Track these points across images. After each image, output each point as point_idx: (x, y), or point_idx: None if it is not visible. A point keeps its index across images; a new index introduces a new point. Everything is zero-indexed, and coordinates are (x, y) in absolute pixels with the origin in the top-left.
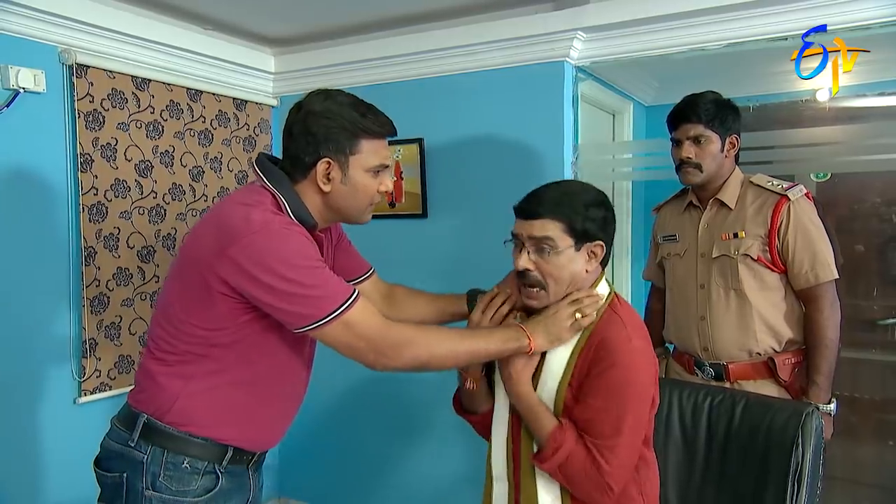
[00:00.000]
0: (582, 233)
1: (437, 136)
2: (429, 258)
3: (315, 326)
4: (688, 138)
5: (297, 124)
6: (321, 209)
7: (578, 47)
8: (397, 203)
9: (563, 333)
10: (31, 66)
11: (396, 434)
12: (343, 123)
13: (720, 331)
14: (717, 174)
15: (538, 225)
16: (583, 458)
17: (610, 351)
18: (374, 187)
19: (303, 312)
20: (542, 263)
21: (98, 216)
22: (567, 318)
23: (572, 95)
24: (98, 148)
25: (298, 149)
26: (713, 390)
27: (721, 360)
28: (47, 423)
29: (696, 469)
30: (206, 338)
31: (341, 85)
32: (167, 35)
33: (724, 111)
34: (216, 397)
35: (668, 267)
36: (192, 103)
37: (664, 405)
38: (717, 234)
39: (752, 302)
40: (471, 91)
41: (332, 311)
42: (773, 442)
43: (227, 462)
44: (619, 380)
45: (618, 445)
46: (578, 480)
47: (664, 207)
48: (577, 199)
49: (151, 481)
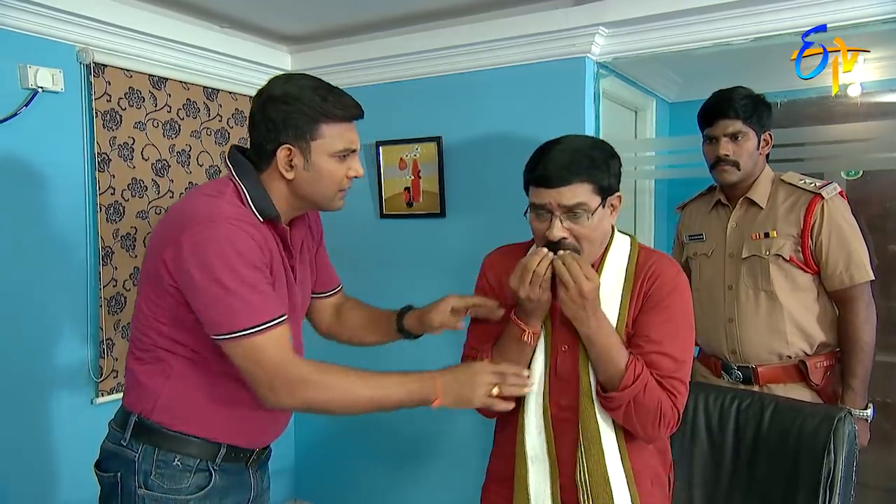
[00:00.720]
0: (606, 188)
1: (455, 135)
2: (447, 258)
3: (223, 338)
4: (725, 135)
5: (257, 111)
6: (288, 197)
7: (600, 43)
8: (415, 202)
9: (475, 400)
10: (49, 66)
11: (412, 438)
12: (301, 108)
13: (749, 333)
14: (750, 172)
15: (568, 192)
16: (658, 391)
17: (664, 282)
18: (340, 172)
19: (215, 318)
20: (578, 229)
21: (115, 216)
22: (484, 387)
23: (594, 92)
24: (115, 147)
25: (260, 136)
26: (740, 394)
27: (750, 364)
28: (65, 423)
29: (723, 474)
30: (171, 335)
31: (359, 83)
32: (184, 33)
33: (760, 107)
34: (198, 394)
35: (695, 267)
36: (208, 102)
37: (689, 408)
38: (747, 233)
39: (784, 304)
40: (490, 88)
41: (243, 328)
42: (804, 447)
43: (222, 460)
44: (676, 310)
45: (685, 374)
46: (647, 411)
47: (689, 206)
48: (595, 155)
49: (143, 480)
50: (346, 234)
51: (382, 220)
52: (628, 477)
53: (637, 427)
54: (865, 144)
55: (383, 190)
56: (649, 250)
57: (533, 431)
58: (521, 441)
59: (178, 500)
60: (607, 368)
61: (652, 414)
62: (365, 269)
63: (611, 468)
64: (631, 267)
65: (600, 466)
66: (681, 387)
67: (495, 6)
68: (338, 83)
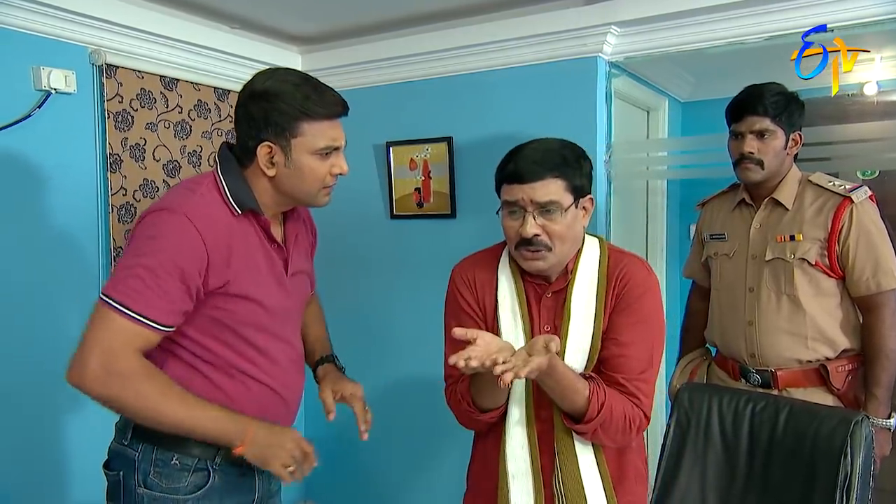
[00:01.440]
0: (579, 188)
1: (466, 135)
2: (457, 259)
3: (100, 297)
4: (751, 132)
5: (239, 107)
6: (272, 193)
7: (612, 42)
8: (425, 203)
9: (271, 465)
10: (62, 67)
11: (423, 441)
12: (281, 106)
13: (769, 337)
14: (776, 172)
15: (540, 187)
16: (620, 403)
17: (635, 284)
18: (323, 170)
19: (110, 278)
20: (551, 226)
21: (127, 216)
22: (284, 458)
23: (605, 92)
24: (127, 148)
25: (242, 133)
26: (755, 396)
27: (769, 367)
28: (77, 423)
29: (737, 477)
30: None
31: (369, 83)
32: (195, 34)
33: (791, 105)
34: (196, 389)
35: (715, 267)
36: (219, 103)
37: (703, 411)
38: (772, 235)
39: (807, 309)
40: (501, 88)
41: (115, 298)
42: (820, 451)
43: (221, 459)
44: (645, 312)
45: (651, 375)
46: (616, 428)
47: (710, 203)
48: (566, 154)
49: (143, 479)
50: (356, 234)
51: (392, 220)
52: (605, 482)
53: (607, 442)
54: (882, 144)
55: (393, 190)
56: (619, 251)
57: (516, 447)
58: (503, 458)
59: (177, 500)
60: (568, 402)
61: (621, 430)
62: (374, 269)
63: (585, 475)
64: (602, 270)
65: (574, 475)
66: (645, 387)
67: (506, 6)
68: (348, 83)
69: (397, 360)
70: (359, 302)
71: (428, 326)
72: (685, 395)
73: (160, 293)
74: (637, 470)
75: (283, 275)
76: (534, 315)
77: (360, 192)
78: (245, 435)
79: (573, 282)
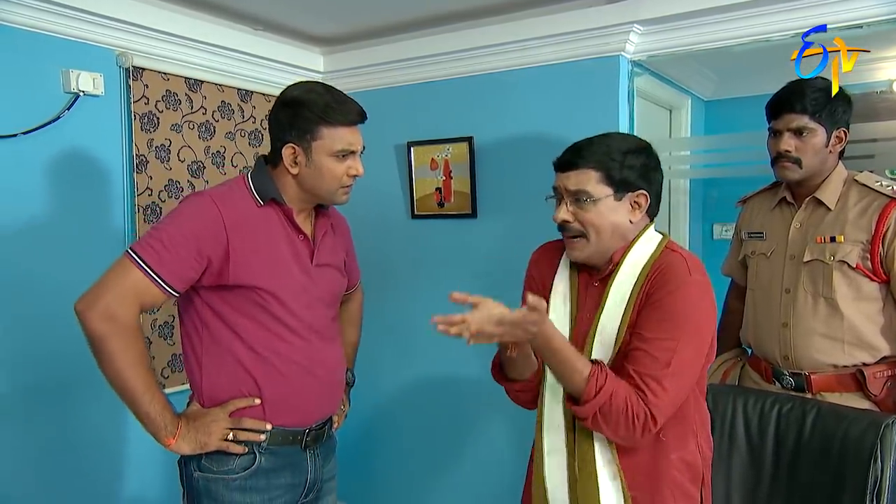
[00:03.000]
0: (621, 182)
1: (487, 135)
2: (478, 259)
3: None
4: (788, 129)
5: (270, 115)
6: (297, 191)
7: (635, 41)
8: (446, 203)
9: (211, 443)
10: (90, 70)
11: (448, 440)
12: (305, 113)
13: (804, 340)
14: (818, 171)
15: (573, 176)
16: (625, 392)
17: (668, 280)
18: (340, 171)
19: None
20: (581, 213)
21: (153, 216)
22: (220, 432)
23: (628, 91)
24: (153, 149)
25: (272, 136)
26: (781, 398)
27: (803, 371)
28: (103, 422)
29: (763, 479)
30: (182, 315)
31: (390, 83)
32: (219, 36)
33: (834, 101)
34: (227, 373)
35: (752, 266)
36: (242, 104)
37: (728, 412)
38: (812, 236)
39: (845, 313)
40: (522, 88)
41: (134, 251)
42: (849, 454)
43: (267, 441)
44: (673, 309)
45: (665, 377)
46: (619, 419)
47: (751, 200)
48: (614, 147)
49: (197, 463)
50: (377, 234)
51: (413, 220)
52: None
53: (608, 433)
54: None
55: (414, 190)
56: (672, 251)
57: (555, 420)
58: (540, 432)
59: (228, 480)
60: (567, 380)
61: (623, 422)
62: (395, 269)
63: (599, 461)
64: (648, 265)
65: (589, 460)
66: (655, 386)
67: (527, 5)
68: (370, 84)
69: (419, 361)
70: (380, 302)
71: None
72: (709, 396)
73: (175, 257)
74: (683, 490)
75: (309, 263)
76: (581, 302)
77: (381, 192)
78: (176, 430)
79: (616, 273)
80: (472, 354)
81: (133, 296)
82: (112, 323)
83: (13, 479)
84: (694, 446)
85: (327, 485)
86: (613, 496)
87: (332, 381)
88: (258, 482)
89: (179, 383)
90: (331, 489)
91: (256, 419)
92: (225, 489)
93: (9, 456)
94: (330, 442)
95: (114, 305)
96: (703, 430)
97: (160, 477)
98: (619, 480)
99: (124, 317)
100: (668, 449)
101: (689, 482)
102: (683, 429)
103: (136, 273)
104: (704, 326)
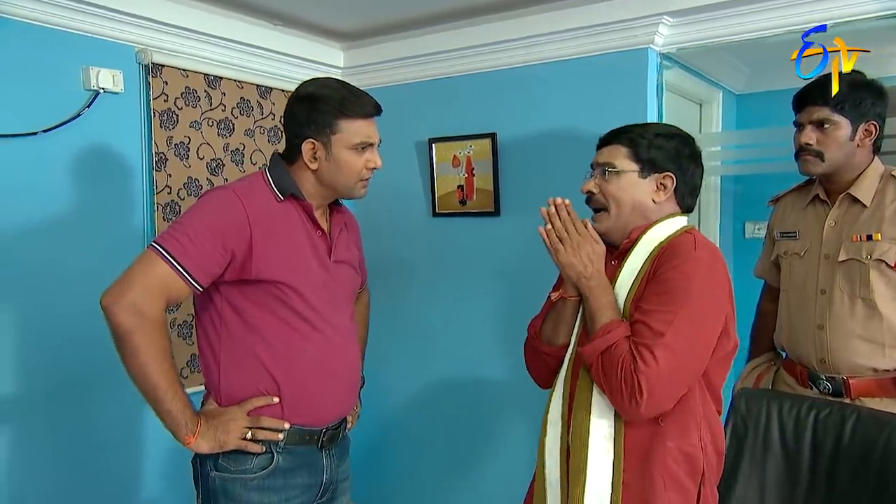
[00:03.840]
0: (648, 161)
1: (510, 131)
2: (501, 259)
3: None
4: (810, 122)
5: (287, 111)
6: (316, 186)
7: (664, 33)
8: (468, 200)
9: (230, 442)
10: (110, 67)
11: (466, 444)
12: (322, 107)
13: (841, 342)
14: (845, 165)
15: (605, 151)
16: (623, 352)
17: (672, 255)
18: (359, 164)
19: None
20: (604, 185)
21: (172, 215)
22: (239, 431)
23: (656, 85)
24: (172, 147)
25: (288, 133)
26: (818, 403)
27: (840, 374)
28: (121, 421)
29: (799, 487)
30: (199, 312)
31: (412, 79)
32: (238, 32)
33: (859, 92)
34: (246, 371)
35: (784, 266)
36: (261, 100)
37: (762, 417)
38: (847, 234)
39: (884, 313)
40: (547, 83)
41: (158, 244)
42: (891, 462)
43: (285, 441)
44: (674, 283)
45: (657, 346)
46: (612, 376)
47: (783, 199)
48: (649, 129)
49: (214, 462)
50: (398, 233)
51: (435, 218)
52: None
53: (606, 390)
54: None
55: (436, 188)
56: (688, 234)
57: (558, 394)
58: (548, 403)
59: (245, 479)
60: (593, 323)
61: (615, 379)
62: (416, 269)
63: (595, 433)
64: (660, 245)
65: (583, 431)
66: (647, 355)
67: None
68: (390, 79)
69: (439, 363)
70: (400, 302)
71: (471, 327)
72: (742, 400)
73: (200, 250)
74: (674, 480)
75: (327, 259)
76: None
77: (401, 189)
78: (196, 427)
79: (631, 251)
80: (495, 355)
81: (160, 289)
82: (139, 317)
83: (33, 477)
84: (696, 439)
85: (342, 485)
86: (603, 472)
87: (350, 380)
88: (276, 482)
89: (198, 383)
90: (345, 490)
91: (274, 418)
92: (243, 489)
93: (30, 453)
94: (344, 442)
95: (141, 299)
96: (710, 426)
97: (178, 476)
98: (612, 457)
99: (151, 311)
100: (665, 436)
101: (686, 475)
102: (685, 418)
103: (162, 266)
104: (706, 302)
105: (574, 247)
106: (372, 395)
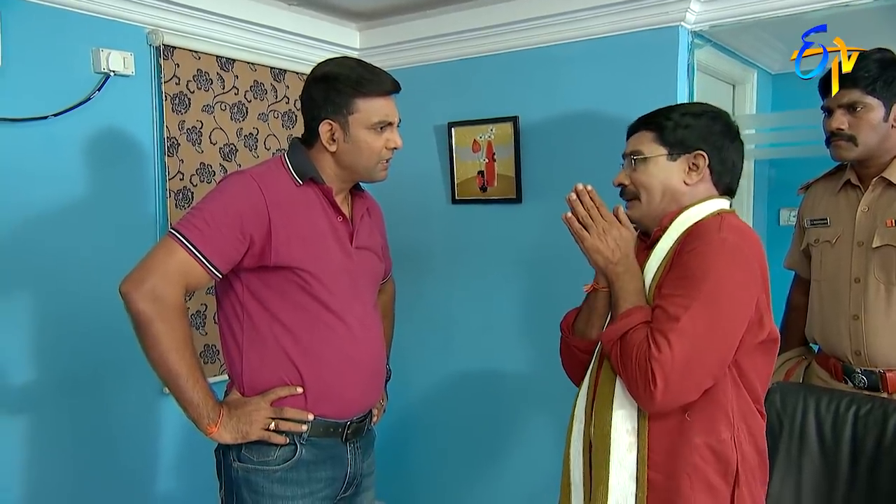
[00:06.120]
0: (677, 142)
1: (533, 114)
2: (522, 247)
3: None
4: (840, 106)
5: (303, 93)
6: (335, 169)
7: (696, 9)
8: (489, 187)
9: (253, 433)
10: (121, 49)
11: (485, 440)
12: (338, 86)
13: (877, 333)
14: (879, 148)
15: (632, 140)
16: (640, 338)
17: (695, 238)
18: (378, 144)
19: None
20: (634, 175)
21: (184, 201)
22: (262, 421)
23: (688, 64)
24: (184, 131)
25: (306, 115)
26: (858, 398)
27: (877, 368)
28: (134, 412)
29: (838, 486)
30: (221, 301)
31: (430, 60)
32: (251, 12)
33: (891, 71)
34: (269, 360)
35: (815, 255)
36: (275, 83)
37: (797, 412)
38: (881, 219)
39: None
40: (572, 63)
41: (178, 230)
42: None
43: (308, 432)
44: (692, 266)
45: (671, 331)
46: (628, 363)
47: (814, 186)
48: (676, 110)
49: (237, 454)
50: (417, 220)
51: (454, 205)
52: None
53: (624, 379)
54: None
55: (455, 174)
56: (716, 217)
57: (584, 391)
58: (576, 399)
59: (268, 471)
60: (614, 311)
61: (630, 365)
62: (435, 257)
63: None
64: (689, 229)
65: (604, 424)
66: (661, 341)
67: None
68: (407, 61)
69: (459, 354)
70: (419, 291)
71: (492, 319)
72: (776, 395)
73: (219, 236)
74: (705, 480)
75: (349, 245)
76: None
77: (420, 175)
78: (218, 418)
79: (661, 238)
80: (517, 347)
81: (179, 276)
82: (159, 304)
83: (47, 467)
84: (728, 436)
85: (366, 480)
86: (625, 469)
87: (375, 371)
88: (299, 475)
89: (212, 374)
90: (369, 485)
91: (298, 409)
92: (265, 480)
93: (44, 443)
94: (369, 436)
95: (160, 286)
96: (745, 422)
97: (193, 467)
98: (636, 453)
99: (170, 298)
100: (692, 431)
101: (716, 473)
102: (714, 413)
103: (181, 253)
104: (729, 286)
105: (600, 232)
106: (391, 389)
